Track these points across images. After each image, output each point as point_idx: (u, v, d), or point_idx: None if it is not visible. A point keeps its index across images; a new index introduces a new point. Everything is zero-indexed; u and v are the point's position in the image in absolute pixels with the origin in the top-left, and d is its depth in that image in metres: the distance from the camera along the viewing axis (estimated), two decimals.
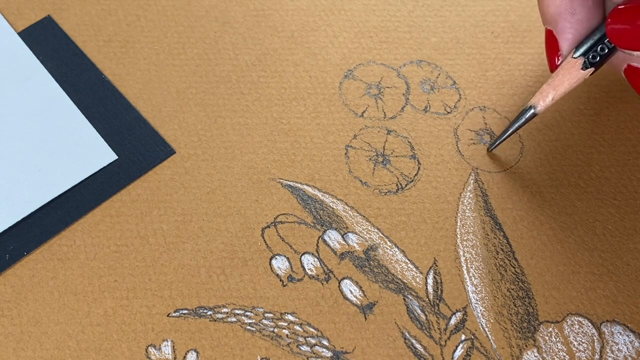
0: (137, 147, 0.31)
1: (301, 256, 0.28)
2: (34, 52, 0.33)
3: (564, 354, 0.27)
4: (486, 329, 0.27)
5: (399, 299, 0.28)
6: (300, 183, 0.30)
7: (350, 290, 0.28)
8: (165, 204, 0.30)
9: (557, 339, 0.27)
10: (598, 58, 0.27)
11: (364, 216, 0.29)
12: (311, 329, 0.27)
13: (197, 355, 0.26)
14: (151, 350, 0.26)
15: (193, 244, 0.29)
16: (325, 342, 0.27)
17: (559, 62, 0.28)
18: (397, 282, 0.28)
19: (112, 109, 0.32)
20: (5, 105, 0.32)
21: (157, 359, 0.26)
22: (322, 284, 0.28)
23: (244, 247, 0.29)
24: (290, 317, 0.27)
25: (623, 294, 0.28)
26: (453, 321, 0.27)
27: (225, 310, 0.27)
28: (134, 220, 0.29)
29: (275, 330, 0.27)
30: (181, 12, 0.35)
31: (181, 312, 0.27)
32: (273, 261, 0.28)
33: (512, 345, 0.27)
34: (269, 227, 0.29)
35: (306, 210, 0.29)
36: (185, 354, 0.26)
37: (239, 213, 0.29)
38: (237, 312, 0.27)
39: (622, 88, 0.33)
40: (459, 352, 0.27)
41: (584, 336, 0.27)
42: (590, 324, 0.27)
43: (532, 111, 0.28)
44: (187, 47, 0.34)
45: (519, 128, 0.29)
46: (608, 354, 0.27)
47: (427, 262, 0.28)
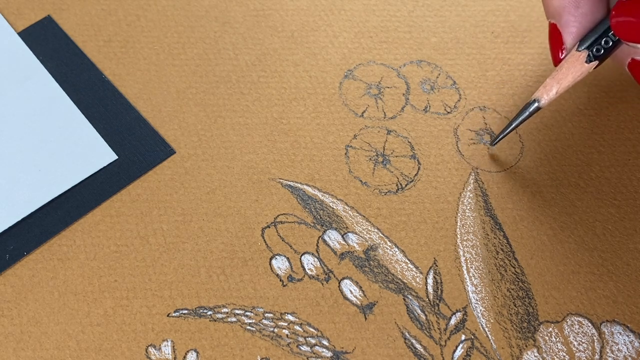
0: (137, 147, 0.31)
1: (301, 256, 0.28)
2: (34, 52, 0.33)
3: (564, 354, 0.27)
4: (486, 329, 0.27)
5: (399, 299, 0.28)
6: (300, 183, 0.30)
7: (350, 290, 0.28)
8: (165, 204, 0.30)
9: (557, 339, 0.27)
10: (602, 51, 0.27)
11: (364, 216, 0.29)
12: (311, 329, 0.27)
13: (197, 355, 0.26)
14: (151, 350, 0.26)
15: (193, 244, 0.29)
16: (325, 342, 0.27)
17: (562, 55, 0.28)
18: (397, 282, 0.28)
19: (112, 109, 0.32)
20: (5, 105, 0.32)
21: (157, 359, 0.26)
22: (322, 284, 0.28)
23: (244, 247, 0.29)
24: (290, 317, 0.27)
25: (623, 294, 0.28)
26: (453, 321, 0.27)
27: (225, 310, 0.27)
28: (134, 220, 0.29)
29: (275, 330, 0.27)
30: (181, 12, 0.35)
31: (181, 312, 0.27)
32: (273, 261, 0.28)
33: (512, 345, 0.27)
34: (269, 227, 0.29)
35: (306, 210, 0.29)
36: (185, 354, 0.26)
37: (239, 213, 0.29)
38: (237, 312, 0.27)
39: (622, 88, 0.33)
40: (459, 352, 0.27)
41: (584, 336, 0.27)
42: (590, 324, 0.27)
43: (536, 105, 0.28)
44: (187, 47, 0.34)
45: (522, 122, 0.29)
46: (608, 354, 0.27)
47: (427, 262, 0.28)
